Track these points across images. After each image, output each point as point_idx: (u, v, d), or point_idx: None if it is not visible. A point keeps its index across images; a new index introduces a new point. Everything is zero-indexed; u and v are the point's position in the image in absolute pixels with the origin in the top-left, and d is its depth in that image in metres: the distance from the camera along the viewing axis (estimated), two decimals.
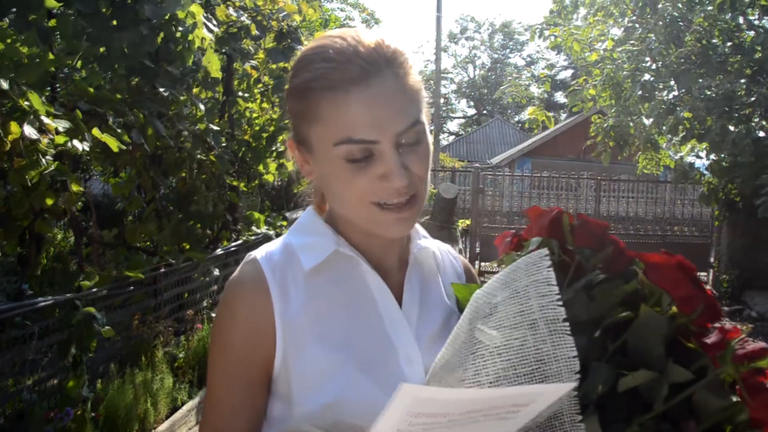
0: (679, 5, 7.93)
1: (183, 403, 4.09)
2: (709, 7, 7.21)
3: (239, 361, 0.88)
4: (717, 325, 0.74)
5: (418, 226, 1.02)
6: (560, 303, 0.70)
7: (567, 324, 0.69)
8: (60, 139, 2.71)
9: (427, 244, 1.01)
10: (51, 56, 3.05)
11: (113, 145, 2.97)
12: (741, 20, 7.93)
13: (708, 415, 0.69)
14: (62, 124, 2.73)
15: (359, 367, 0.87)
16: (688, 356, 0.71)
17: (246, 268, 0.93)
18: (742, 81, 7.70)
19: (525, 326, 0.71)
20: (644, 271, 0.75)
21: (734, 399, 0.69)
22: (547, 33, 9.73)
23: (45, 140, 2.64)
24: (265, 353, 0.88)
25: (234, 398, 0.89)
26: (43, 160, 2.63)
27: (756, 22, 7.87)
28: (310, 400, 0.86)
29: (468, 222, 11.40)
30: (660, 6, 7.97)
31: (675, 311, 0.73)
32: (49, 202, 2.92)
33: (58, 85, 3.72)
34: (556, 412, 0.69)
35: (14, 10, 2.33)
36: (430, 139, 0.90)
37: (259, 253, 0.94)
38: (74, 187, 2.89)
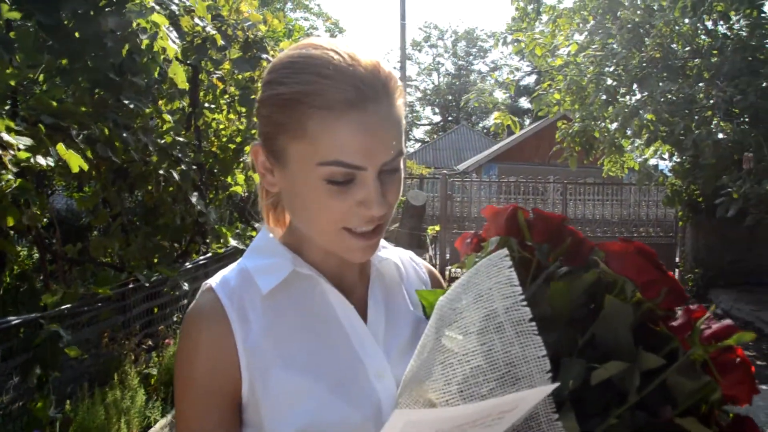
0: (639, 12, 8.10)
1: (156, 422, 4.00)
2: (670, 15, 7.39)
3: (206, 392, 0.86)
4: (682, 307, 0.75)
5: None
6: (524, 303, 0.69)
7: (534, 324, 0.68)
8: (23, 155, 2.64)
9: (387, 254, 0.98)
10: (11, 69, 2.98)
11: (75, 164, 2.90)
12: (699, 26, 8.15)
13: (683, 398, 0.69)
14: (23, 141, 2.65)
15: (329, 388, 0.85)
16: (658, 341, 0.72)
17: (202, 297, 0.90)
18: (701, 84, 7.90)
19: (491, 330, 0.70)
20: (605, 260, 0.75)
21: (707, 378, 0.70)
22: (510, 39, 9.86)
23: (6, 157, 2.57)
24: (230, 382, 0.85)
25: (208, 426, 0.86)
26: (6, 177, 2.56)
27: (711, 28, 8.09)
28: (282, 426, 0.84)
29: (437, 228, 11.46)
30: (620, 13, 8.13)
31: (639, 297, 0.73)
32: (11, 220, 2.84)
33: (19, 99, 3.63)
34: (532, 412, 0.69)
35: None
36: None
37: (214, 280, 0.91)
38: (37, 207, 2.81)
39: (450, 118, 46.71)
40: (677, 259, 11.14)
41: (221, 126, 6.50)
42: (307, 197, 0.83)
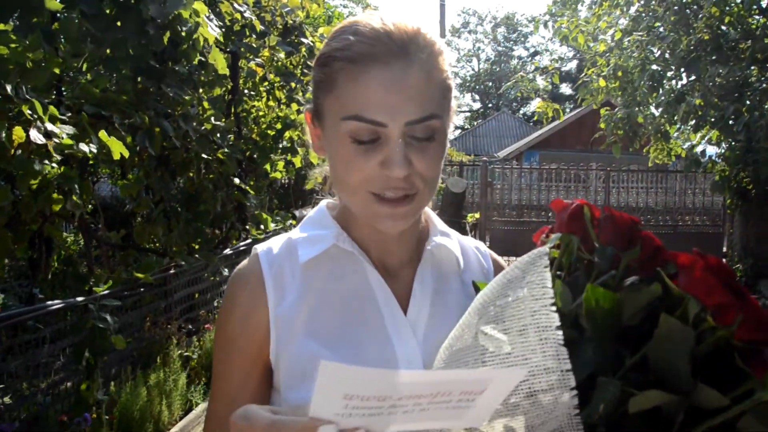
0: None
1: (197, 404, 4.08)
2: None
3: (238, 351, 0.89)
4: None
5: (437, 220, 0.98)
6: (554, 308, 0.62)
7: (560, 333, 0.61)
8: (66, 142, 2.69)
9: (444, 241, 0.95)
10: (57, 59, 3.03)
11: (117, 150, 2.95)
12: (753, 6, 7.84)
13: None
14: (67, 130, 2.70)
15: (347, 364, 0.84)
16: (735, 377, 0.61)
17: (247, 262, 0.93)
18: (753, 68, 7.61)
19: (515, 332, 0.64)
20: (674, 274, 0.66)
21: None
22: (551, 24, 9.66)
23: (51, 145, 2.63)
24: (260, 345, 0.88)
25: (234, 386, 0.89)
26: (45, 164, 2.61)
27: (765, 6, 7.78)
28: (292, 393, 0.85)
29: (477, 216, 11.36)
30: None
31: (711, 322, 0.62)
32: (57, 206, 2.90)
33: (63, 88, 3.71)
34: (555, 430, 0.62)
35: (16, 14, 2.31)
36: (447, 142, 0.87)
37: (261, 247, 0.93)
38: (80, 194, 2.87)
39: (490, 105, 46.23)
40: (725, 249, 10.81)
41: (261, 113, 6.55)
42: (336, 156, 0.84)
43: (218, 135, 4.62)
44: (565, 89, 39.57)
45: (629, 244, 0.71)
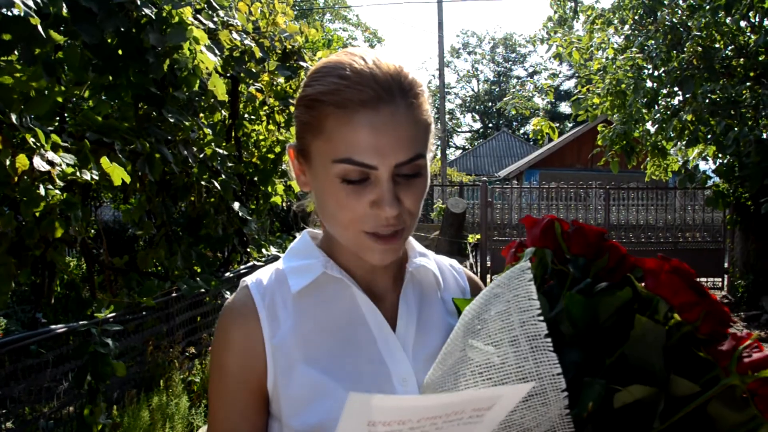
0: (678, 12, 7.95)
1: (198, 427, 4.08)
2: (710, 14, 7.22)
3: (235, 383, 0.91)
4: (731, 331, 0.69)
5: (414, 242, 1.02)
6: (541, 318, 0.67)
7: (549, 340, 0.66)
8: (68, 170, 2.75)
9: (424, 261, 0.99)
10: (59, 88, 3.11)
11: (118, 176, 3.00)
12: (743, 23, 7.94)
13: (726, 430, 0.65)
14: (67, 160, 2.76)
15: (347, 389, 0.87)
16: (701, 367, 0.67)
17: (238, 294, 0.95)
18: (747, 84, 7.69)
19: (506, 343, 0.69)
20: (643, 278, 0.72)
21: (753, 411, 0.64)
22: (547, 42, 9.77)
23: (54, 171, 2.68)
24: (258, 376, 0.90)
25: (233, 418, 0.91)
26: (48, 191, 2.67)
27: (755, 23, 7.88)
28: (295, 421, 0.87)
29: (478, 236, 11.39)
30: (659, 13, 7.98)
31: (677, 319, 0.69)
32: (59, 232, 2.95)
33: (67, 116, 3.78)
34: (548, 430, 0.67)
35: (20, 45, 2.38)
36: (429, 175, 0.91)
37: (250, 279, 0.96)
38: (81, 220, 2.92)
39: (490, 125, 46.43)
40: (726, 265, 10.81)
41: (261, 137, 6.61)
42: (326, 196, 0.87)
43: (218, 160, 4.68)
44: (565, 108, 39.78)
45: (597, 254, 0.76)
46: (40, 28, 2.38)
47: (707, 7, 7.24)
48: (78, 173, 2.76)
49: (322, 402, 0.86)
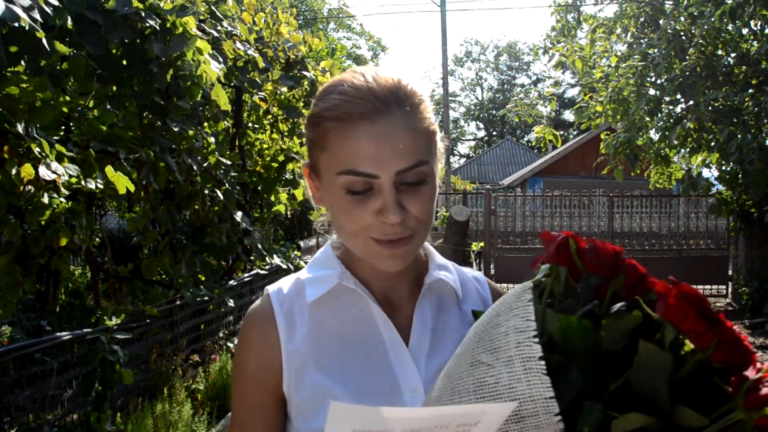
0: (681, 19, 7.97)
1: None
2: (712, 19, 7.24)
3: (254, 386, 0.96)
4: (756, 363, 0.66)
5: (435, 254, 1.04)
6: (536, 340, 0.67)
7: (543, 363, 0.65)
8: (73, 180, 2.78)
9: (442, 274, 1.01)
10: (64, 98, 3.14)
11: (122, 185, 3.04)
12: (745, 31, 7.96)
13: None
14: (71, 171, 2.79)
15: (356, 397, 0.90)
16: (719, 398, 0.65)
17: (260, 301, 1.00)
18: (750, 91, 7.70)
19: (502, 363, 0.69)
20: (653, 301, 0.70)
21: None
22: (551, 51, 9.80)
23: (60, 180, 2.71)
24: (275, 378, 0.95)
25: (250, 417, 0.96)
26: (53, 199, 2.70)
27: (756, 30, 7.90)
28: (306, 425, 0.92)
29: (482, 244, 11.39)
30: (662, 22, 8.01)
31: (690, 347, 0.66)
32: (64, 240, 2.98)
33: (72, 125, 3.82)
34: None
35: (26, 56, 2.42)
36: (438, 181, 0.93)
37: (272, 287, 1.00)
38: (85, 228, 2.95)
39: (494, 133, 46.48)
40: (730, 272, 10.77)
41: (264, 146, 6.65)
42: (334, 207, 0.90)
43: (222, 169, 4.71)
44: (569, 116, 39.81)
45: (613, 273, 0.75)
46: (45, 40, 2.42)
47: (710, 15, 7.26)
48: (83, 182, 2.79)
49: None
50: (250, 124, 6.38)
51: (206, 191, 4.54)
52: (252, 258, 5.95)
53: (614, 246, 0.76)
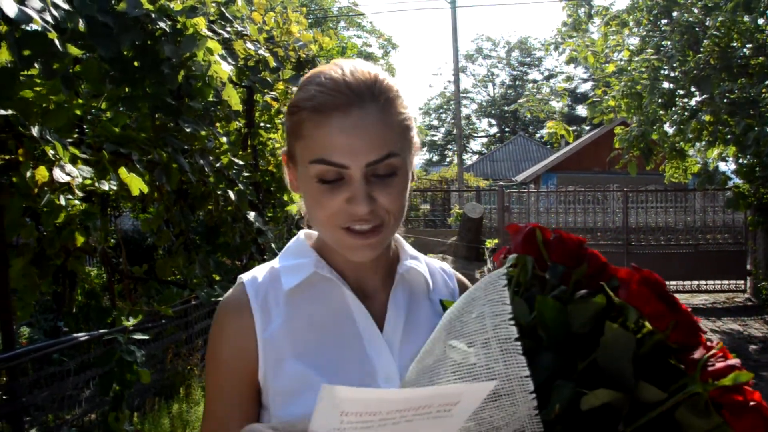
0: (695, 10, 7.88)
1: None
2: (727, 13, 7.14)
3: (228, 375, 0.96)
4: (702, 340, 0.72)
5: (406, 245, 1.07)
6: (512, 322, 0.71)
7: (519, 343, 0.69)
8: (87, 181, 2.80)
9: (414, 264, 1.03)
10: (77, 101, 3.16)
11: (135, 186, 3.05)
12: (761, 21, 7.84)
13: None
14: (85, 173, 2.81)
15: (332, 383, 0.90)
16: (672, 375, 0.70)
17: (233, 290, 1.01)
18: (766, 83, 7.59)
19: (479, 345, 0.72)
20: (619, 287, 0.75)
21: (719, 419, 0.68)
22: (561, 47, 9.74)
23: (74, 183, 2.73)
24: (250, 368, 0.95)
25: (226, 408, 0.96)
26: (68, 201, 2.72)
27: None
28: (282, 412, 0.92)
29: (496, 241, 11.35)
30: (675, 14, 7.92)
31: (649, 328, 0.72)
32: (80, 241, 3.00)
33: (85, 127, 3.84)
34: (518, 430, 0.70)
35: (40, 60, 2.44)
36: (411, 174, 0.95)
37: (246, 276, 1.01)
38: (100, 230, 2.96)
39: (507, 129, 46.30)
40: (749, 267, 10.63)
41: (277, 145, 6.66)
42: (307, 195, 0.93)
43: (234, 170, 4.72)
44: (582, 111, 39.57)
45: (577, 262, 0.80)
46: (57, 42, 2.44)
47: (725, 5, 7.16)
48: (96, 184, 2.81)
49: (307, 395, 0.89)
50: (261, 124, 6.40)
51: (219, 191, 4.55)
52: (266, 257, 5.97)
53: (578, 236, 0.82)
